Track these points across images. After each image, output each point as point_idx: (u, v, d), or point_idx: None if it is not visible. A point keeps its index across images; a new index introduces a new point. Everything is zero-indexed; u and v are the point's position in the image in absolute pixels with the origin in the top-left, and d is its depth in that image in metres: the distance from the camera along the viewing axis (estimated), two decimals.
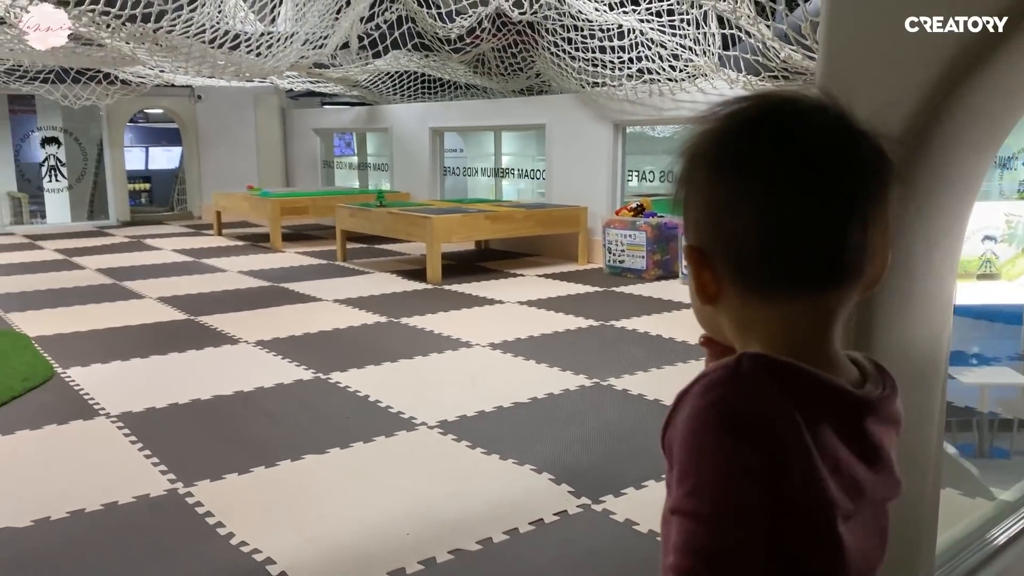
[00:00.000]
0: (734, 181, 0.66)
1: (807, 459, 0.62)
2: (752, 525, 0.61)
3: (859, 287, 0.68)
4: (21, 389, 3.04)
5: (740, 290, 0.67)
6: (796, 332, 0.67)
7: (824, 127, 0.66)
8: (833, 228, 0.65)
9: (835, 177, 0.65)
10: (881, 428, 0.69)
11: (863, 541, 0.68)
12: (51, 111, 9.97)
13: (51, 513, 2.04)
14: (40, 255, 6.81)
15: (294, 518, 2.03)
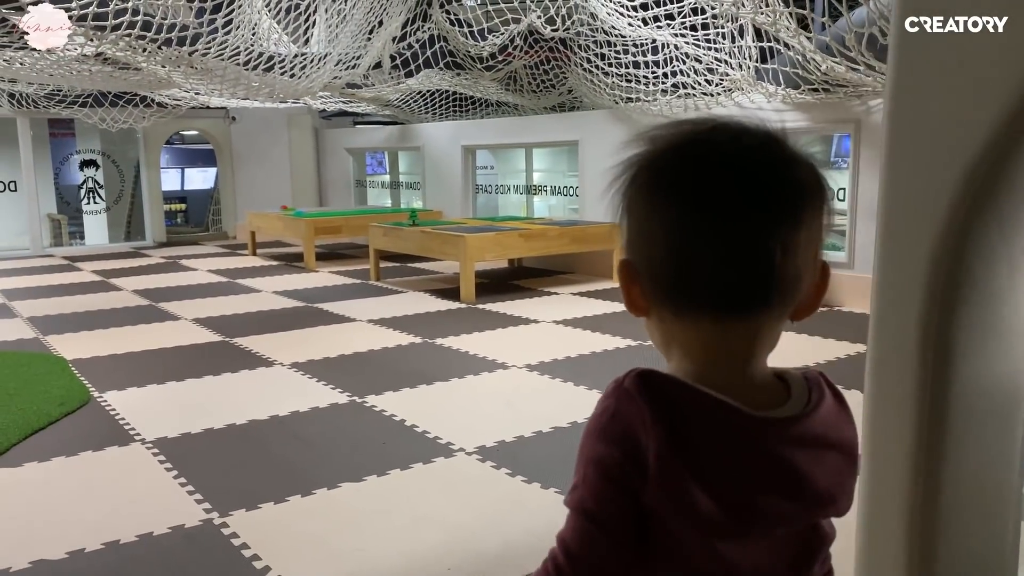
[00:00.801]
0: (654, 202, 0.69)
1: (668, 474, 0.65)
2: (607, 525, 0.66)
3: (780, 313, 0.69)
4: (58, 414, 3.03)
5: (658, 308, 0.70)
6: (709, 352, 0.69)
7: (745, 154, 0.67)
8: (740, 255, 0.66)
9: (745, 203, 0.65)
10: (804, 452, 0.69)
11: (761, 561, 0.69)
12: (90, 134, 10.13)
13: (86, 544, 2.01)
14: (78, 276, 6.88)
15: (332, 551, 1.98)
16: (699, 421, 0.67)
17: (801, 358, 3.66)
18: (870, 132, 4.68)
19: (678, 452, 0.66)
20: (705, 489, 0.66)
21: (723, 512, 0.66)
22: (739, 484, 0.68)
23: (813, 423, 0.71)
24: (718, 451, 0.67)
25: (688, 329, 0.70)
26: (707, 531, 0.67)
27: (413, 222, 6.25)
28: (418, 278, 6.41)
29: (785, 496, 0.69)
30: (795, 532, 0.72)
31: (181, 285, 6.25)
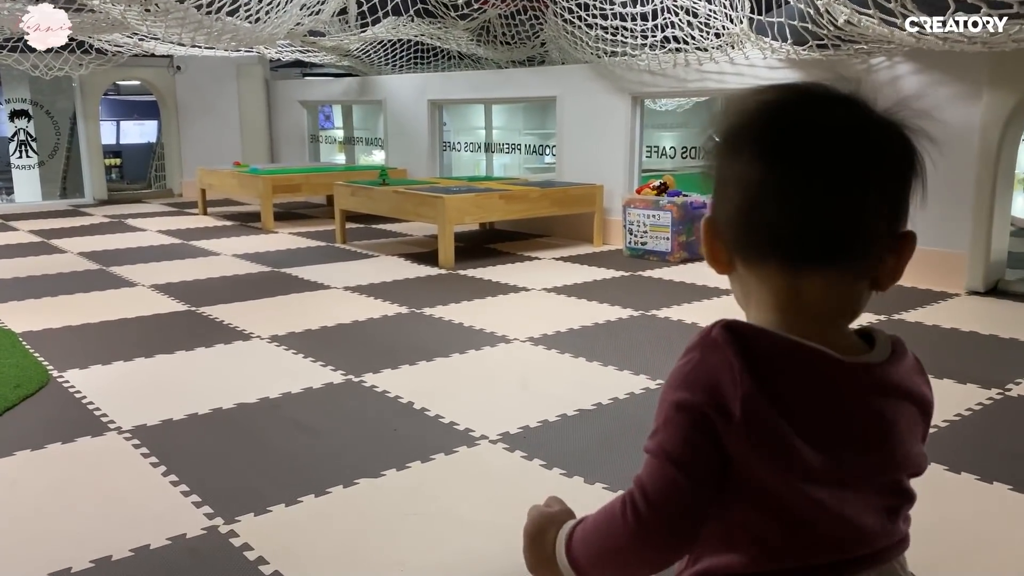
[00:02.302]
0: (735, 161, 0.72)
1: (755, 421, 0.67)
2: (687, 467, 0.68)
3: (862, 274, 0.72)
4: (15, 399, 2.68)
5: (746, 262, 0.74)
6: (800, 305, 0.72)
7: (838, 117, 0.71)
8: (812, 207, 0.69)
9: (836, 162, 0.69)
10: (887, 401, 0.73)
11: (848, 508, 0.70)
12: (18, 82, 9.39)
13: (72, 564, 1.71)
14: (14, 237, 6.36)
15: (363, 565, 1.72)
16: (788, 369, 0.69)
17: None
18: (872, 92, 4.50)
19: (769, 401, 0.68)
20: (799, 434, 0.68)
21: (817, 456, 0.68)
22: (830, 429, 0.70)
23: (897, 372, 0.74)
24: (809, 398, 0.70)
25: (765, 280, 0.73)
26: (801, 476, 0.69)
27: (384, 181, 5.90)
28: (387, 241, 6.09)
29: (870, 441, 0.72)
30: (881, 483, 0.74)
31: (131, 247, 5.80)
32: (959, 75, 4.16)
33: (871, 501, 0.73)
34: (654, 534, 0.71)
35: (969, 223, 4.23)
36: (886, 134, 0.72)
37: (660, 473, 0.70)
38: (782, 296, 0.72)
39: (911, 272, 0.82)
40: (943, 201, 4.32)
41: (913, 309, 3.87)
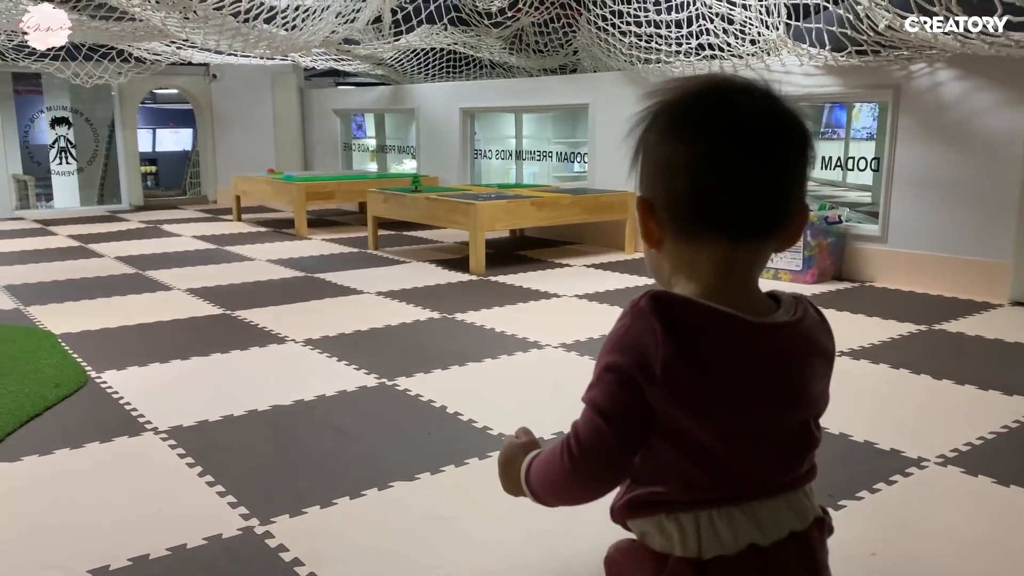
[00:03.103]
0: (675, 144, 0.81)
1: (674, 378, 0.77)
2: (614, 420, 0.79)
3: (775, 241, 0.82)
4: (54, 398, 2.71)
5: (675, 236, 0.82)
6: (716, 272, 0.81)
7: (751, 105, 0.80)
8: (748, 187, 0.79)
9: (750, 145, 0.79)
10: (793, 354, 0.83)
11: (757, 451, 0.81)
12: (58, 91, 9.60)
13: (111, 561, 1.71)
14: (54, 241, 6.47)
15: (399, 568, 1.70)
16: (706, 332, 0.79)
17: (855, 339, 3.44)
18: (911, 99, 4.44)
19: (688, 360, 0.77)
20: (715, 388, 0.78)
21: (731, 406, 0.78)
22: (745, 382, 0.79)
23: (802, 329, 0.84)
24: (725, 356, 0.79)
25: (700, 252, 0.82)
26: (716, 424, 0.79)
27: (416, 188, 5.92)
28: (419, 247, 6.10)
29: (779, 390, 0.82)
30: (789, 425, 0.84)
31: (167, 252, 5.88)
32: (1003, 81, 4.08)
33: (780, 441, 0.84)
34: (584, 474, 0.83)
35: (1013, 232, 4.14)
36: (797, 120, 0.83)
37: (591, 424, 0.81)
38: (720, 267, 0.82)
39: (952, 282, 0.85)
40: (986, 209, 4.24)
41: (955, 319, 3.79)
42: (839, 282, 4.70)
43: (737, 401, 0.80)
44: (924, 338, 3.49)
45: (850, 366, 3.09)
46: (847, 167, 5.55)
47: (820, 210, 4.76)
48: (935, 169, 4.41)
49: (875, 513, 1.92)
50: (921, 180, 4.48)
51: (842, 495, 2.00)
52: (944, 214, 4.40)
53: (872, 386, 2.88)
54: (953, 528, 1.86)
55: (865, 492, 2.02)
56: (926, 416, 2.59)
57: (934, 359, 3.16)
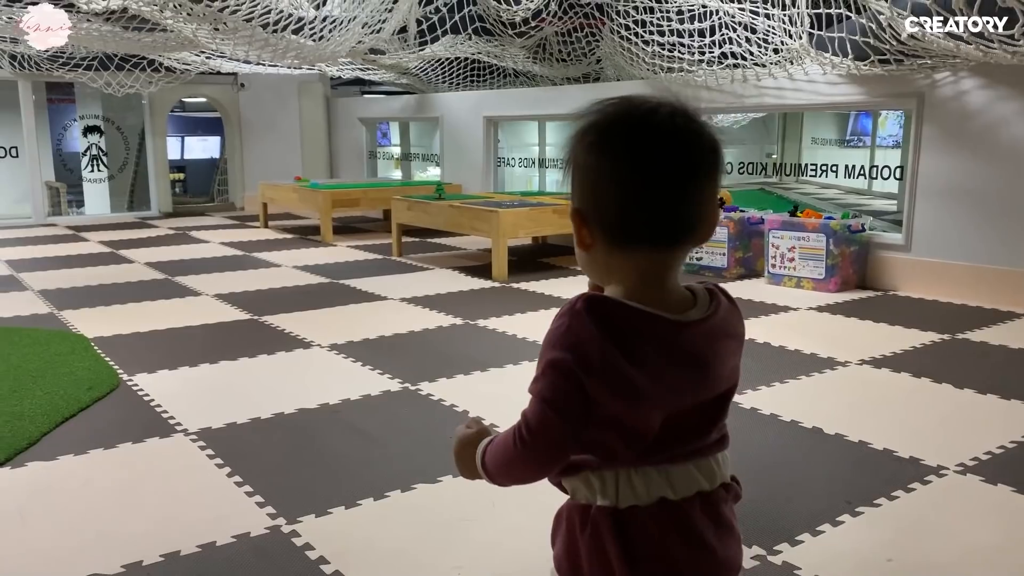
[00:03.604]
0: (600, 161, 0.90)
1: (608, 370, 0.87)
2: (561, 409, 0.88)
3: (690, 245, 0.92)
4: (88, 400, 2.79)
5: (605, 244, 0.91)
6: (641, 276, 0.91)
7: (666, 124, 0.89)
8: (668, 202, 0.88)
9: (670, 162, 0.88)
10: (707, 344, 0.93)
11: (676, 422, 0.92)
12: (91, 100, 9.78)
13: (143, 557, 1.77)
14: (85, 247, 6.61)
15: (421, 567, 1.75)
16: (631, 328, 0.89)
17: (877, 348, 3.44)
18: (935, 107, 4.43)
19: (620, 354, 0.88)
20: (638, 373, 0.88)
21: (652, 387, 0.89)
22: (662, 368, 0.90)
23: (715, 323, 0.94)
24: (647, 348, 0.89)
25: (628, 259, 0.91)
26: (644, 406, 0.90)
27: (440, 196, 5.98)
28: (442, 254, 6.16)
29: (695, 374, 0.93)
30: (704, 401, 0.94)
31: (195, 258, 5.98)
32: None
33: (694, 416, 0.95)
34: (534, 457, 0.92)
35: None
36: (710, 138, 0.91)
37: (539, 412, 0.90)
38: (644, 271, 0.92)
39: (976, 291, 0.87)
40: (1010, 218, 4.22)
41: (979, 328, 3.78)
42: (862, 291, 4.69)
43: (663, 389, 0.91)
44: (947, 347, 3.49)
45: (871, 374, 3.10)
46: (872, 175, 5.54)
47: (843, 218, 4.76)
48: (959, 178, 4.40)
49: (893, 520, 1.94)
50: (945, 189, 4.46)
51: (860, 502, 2.01)
52: (968, 223, 4.38)
53: (892, 395, 2.88)
54: (971, 536, 1.87)
55: (883, 499, 2.03)
56: (946, 425, 2.59)
57: (956, 368, 3.16)
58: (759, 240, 5.08)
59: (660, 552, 0.93)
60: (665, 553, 0.94)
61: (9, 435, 2.44)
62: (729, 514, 1.00)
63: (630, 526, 0.93)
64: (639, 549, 0.93)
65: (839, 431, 2.49)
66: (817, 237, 4.64)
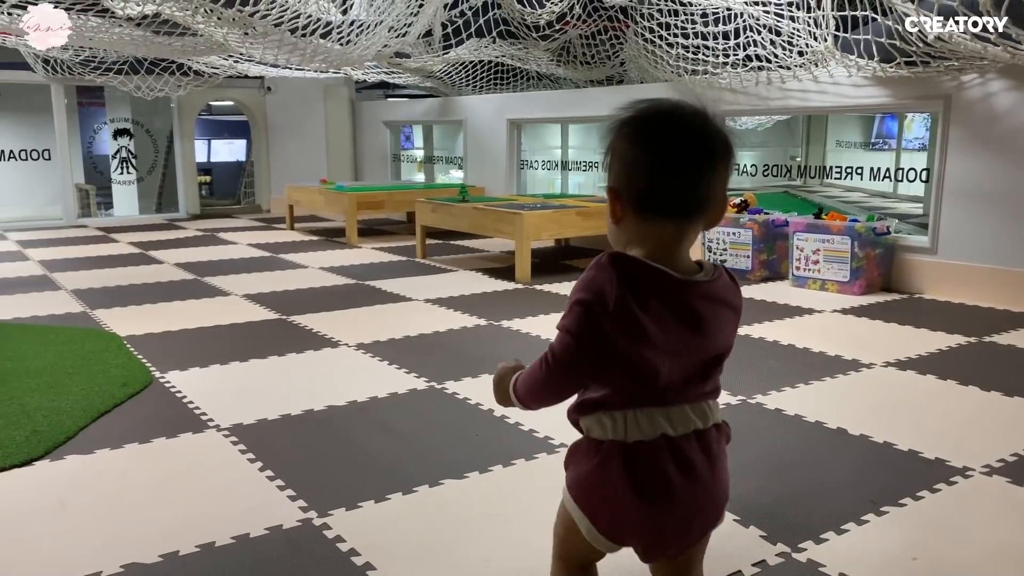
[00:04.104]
0: (633, 148, 1.13)
1: (622, 311, 1.08)
2: (579, 339, 1.10)
3: (702, 222, 1.15)
4: (122, 396, 2.85)
5: (633, 215, 1.14)
6: (658, 242, 1.13)
7: (687, 121, 1.12)
8: (685, 184, 1.12)
9: (687, 151, 1.11)
10: (707, 304, 1.13)
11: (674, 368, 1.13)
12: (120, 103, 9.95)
13: (180, 547, 1.82)
14: (115, 248, 6.72)
15: (454, 560, 1.78)
16: (645, 280, 1.10)
17: (902, 350, 3.44)
18: (962, 110, 4.41)
19: (632, 299, 1.08)
20: (646, 319, 1.09)
21: (660, 335, 1.09)
22: (670, 320, 1.10)
23: (715, 287, 1.15)
24: (656, 298, 1.10)
25: (651, 228, 1.13)
26: (648, 347, 1.10)
27: (464, 198, 6.03)
28: (465, 256, 6.20)
29: (694, 329, 1.12)
30: (701, 355, 1.15)
31: (223, 259, 6.07)
32: None
33: (692, 365, 1.15)
34: (556, 379, 1.15)
35: None
36: (723, 136, 1.14)
37: (564, 341, 1.13)
38: (661, 238, 1.14)
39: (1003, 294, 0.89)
40: None
41: (1006, 332, 3.76)
42: (887, 293, 4.67)
43: (665, 335, 1.11)
44: (973, 350, 3.47)
45: (896, 377, 3.09)
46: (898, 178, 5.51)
47: (868, 221, 4.74)
48: (986, 180, 4.37)
49: (918, 520, 1.95)
50: (972, 191, 4.44)
51: (885, 501, 2.02)
52: (995, 225, 4.36)
53: (918, 397, 2.88)
54: (997, 536, 1.87)
55: (908, 499, 2.04)
56: (972, 427, 2.59)
57: (983, 371, 3.15)
58: (783, 242, 5.07)
59: (661, 477, 1.14)
60: (665, 478, 1.14)
61: (48, 429, 2.51)
62: (719, 450, 1.21)
63: (636, 457, 1.14)
64: (643, 475, 1.14)
65: (864, 432, 2.50)
66: (842, 239, 4.63)
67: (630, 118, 1.15)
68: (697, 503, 1.17)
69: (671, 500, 1.14)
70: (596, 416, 1.16)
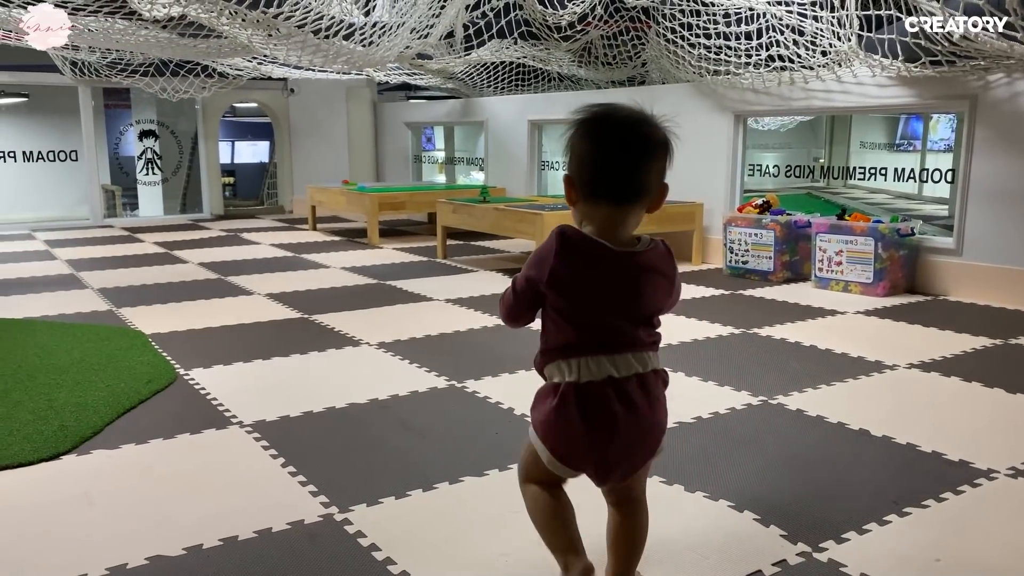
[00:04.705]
0: (584, 143, 1.38)
1: (564, 274, 1.36)
2: (522, 295, 1.42)
3: (642, 207, 1.40)
4: (147, 393, 2.89)
5: (583, 200, 1.40)
6: (603, 222, 1.39)
7: (628, 122, 1.37)
8: (623, 175, 1.36)
9: (624, 149, 1.35)
10: (642, 271, 1.39)
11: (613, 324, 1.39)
12: (145, 105, 10.06)
13: (203, 540, 1.84)
14: (141, 248, 6.80)
15: (472, 555, 1.79)
16: (587, 251, 1.36)
17: (926, 352, 3.41)
18: (988, 110, 4.36)
19: (572, 265, 1.36)
20: (586, 281, 1.37)
21: (597, 297, 1.37)
22: (607, 281, 1.37)
23: (648, 257, 1.40)
24: (597, 265, 1.36)
25: (596, 211, 1.39)
26: (585, 305, 1.38)
27: (484, 199, 6.04)
28: (486, 257, 6.22)
29: (630, 291, 1.38)
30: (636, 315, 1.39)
31: (247, 259, 6.13)
32: None
33: (631, 320, 1.40)
34: (506, 313, 1.49)
35: None
36: (660, 135, 1.38)
37: (512, 294, 1.45)
38: (604, 219, 1.39)
39: None
40: None
41: None
42: (911, 295, 4.63)
43: (603, 292, 1.37)
44: (998, 352, 3.43)
45: (919, 378, 3.07)
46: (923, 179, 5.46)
47: (892, 222, 4.70)
48: (1013, 181, 4.32)
49: (940, 521, 1.93)
50: (998, 192, 4.39)
51: (907, 502, 2.01)
52: (1022, 227, 4.30)
53: (941, 398, 2.86)
54: (1021, 538, 1.85)
55: (931, 500, 2.02)
56: (997, 428, 2.56)
57: (1008, 373, 3.11)
58: (806, 244, 5.04)
59: (607, 410, 1.38)
60: (610, 411, 1.38)
61: (75, 424, 2.55)
62: (657, 391, 1.45)
63: (587, 394, 1.39)
64: (592, 409, 1.39)
65: (886, 433, 2.48)
66: (865, 241, 4.59)
67: (583, 119, 1.38)
68: (637, 433, 1.41)
69: (615, 428, 1.39)
70: (556, 364, 1.42)
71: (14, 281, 5.22)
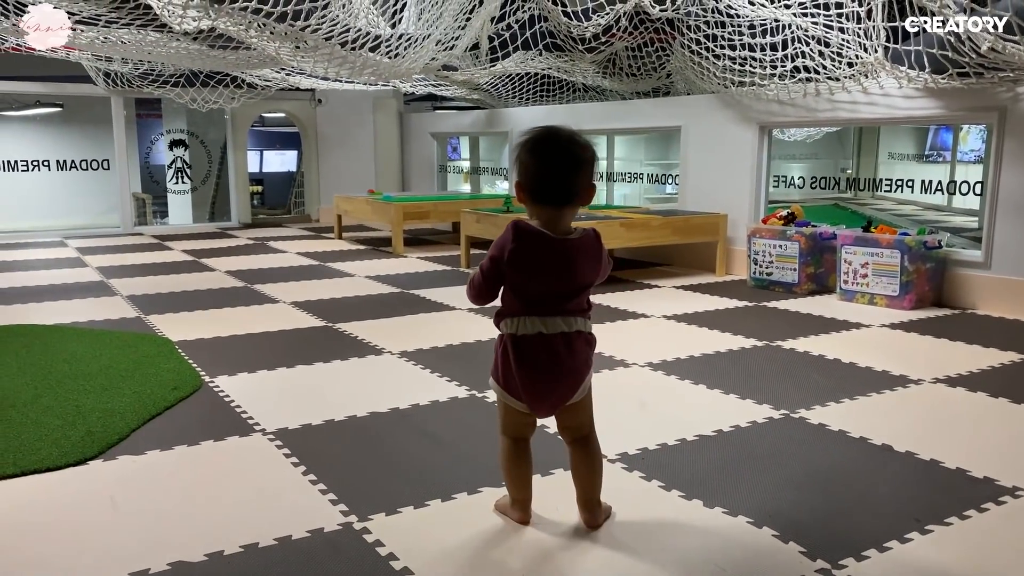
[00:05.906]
0: (529, 157, 1.77)
1: (513, 259, 1.78)
2: (488, 276, 1.84)
3: (576, 206, 1.81)
4: (172, 399, 2.93)
5: (529, 202, 1.80)
6: (546, 218, 1.80)
7: (562, 141, 1.78)
8: (557, 183, 1.77)
9: (560, 161, 1.76)
10: (575, 253, 1.81)
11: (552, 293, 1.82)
12: (176, 115, 10.21)
13: (224, 547, 1.87)
14: (169, 256, 6.90)
15: (488, 567, 1.80)
16: (534, 239, 1.78)
17: (952, 367, 3.37)
18: (1018, 121, 4.30)
19: (522, 250, 1.78)
20: (531, 262, 1.78)
21: (538, 271, 1.79)
22: (546, 261, 1.79)
23: (581, 242, 1.82)
24: (539, 250, 1.78)
25: (541, 210, 1.79)
26: (532, 281, 1.80)
27: (508, 208, 6.06)
28: None
29: (564, 268, 1.80)
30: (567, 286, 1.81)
31: (273, 267, 6.20)
32: None
33: (563, 291, 1.81)
34: (474, 292, 1.88)
35: None
36: (589, 151, 1.79)
37: (476, 274, 1.86)
38: (549, 216, 1.79)
39: None
40: None
41: None
42: (938, 308, 4.58)
43: (543, 269, 1.79)
44: None
45: (945, 393, 3.03)
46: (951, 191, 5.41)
47: (919, 234, 4.66)
48: None
49: (963, 539, 1.91)
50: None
51: (929, 520, 1.99)
52: None
53: (967, 414, 2.82)
54: None
55: (954, 518, 2.00)
56: (1023, 445, 2.52)
57: None
58: (831, 256, 5.00)
59: (534, 357, 1.82)
60: (537, 358, 1.82)
61: (101, 430, 2.59)
62: (579, 347, 1.85)
63: (520, 344, 1.82)
64: (524, 356, 1.83)
65: (910, 449, 2.46)
66: (891, 253, 4.55)
67: (527, 139, 1.78)
68: (558, 374, 1.84)
69: (538, 368, 1.82)
70: (505, 321, 1.85)
71: (47, 288, 5.32)
